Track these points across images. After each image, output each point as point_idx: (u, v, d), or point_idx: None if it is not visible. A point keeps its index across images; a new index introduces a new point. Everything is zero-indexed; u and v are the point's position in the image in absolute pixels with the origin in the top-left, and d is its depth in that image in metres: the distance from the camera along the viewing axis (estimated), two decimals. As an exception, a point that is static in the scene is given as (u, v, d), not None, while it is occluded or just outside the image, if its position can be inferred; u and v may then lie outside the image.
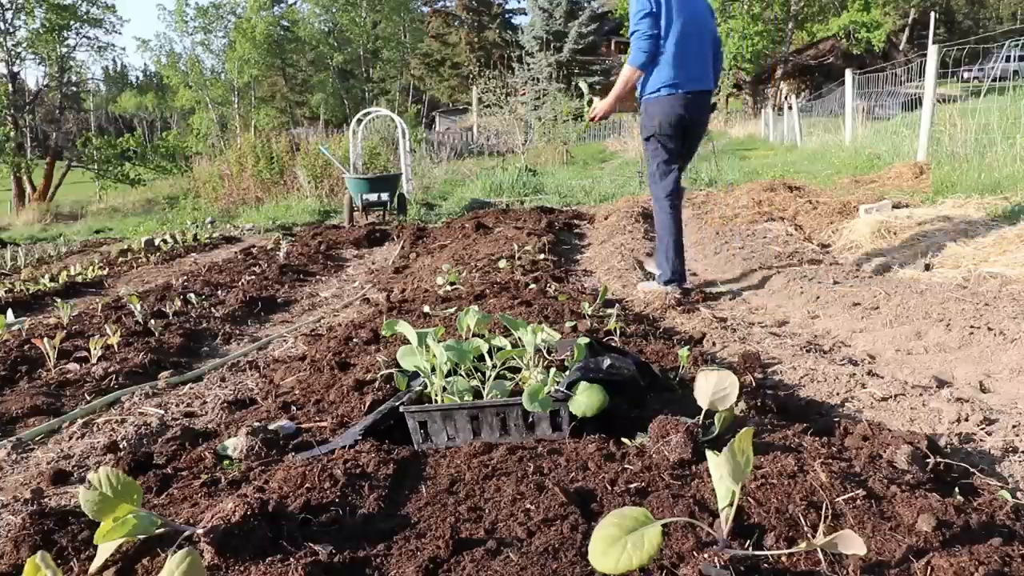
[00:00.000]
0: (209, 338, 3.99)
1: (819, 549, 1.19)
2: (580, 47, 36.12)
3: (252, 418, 2.37)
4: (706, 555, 1.19)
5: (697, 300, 4.02)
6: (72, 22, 27.42)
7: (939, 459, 1.66)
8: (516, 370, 2.07)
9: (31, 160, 26.36)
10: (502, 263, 4.83)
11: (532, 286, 3.98)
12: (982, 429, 2.01)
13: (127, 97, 58.18)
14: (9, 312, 4.14)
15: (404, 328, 2.01)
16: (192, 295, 4.75)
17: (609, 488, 1.50)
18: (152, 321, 4.04)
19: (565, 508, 1.40)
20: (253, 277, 5.66)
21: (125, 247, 9.07)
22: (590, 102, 4.22)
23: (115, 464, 2.02)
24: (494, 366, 2.01)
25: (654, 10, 3.77)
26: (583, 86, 4.28)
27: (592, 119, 4.18)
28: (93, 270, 6.86)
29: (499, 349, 2.05)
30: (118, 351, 3.46)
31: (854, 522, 1.31)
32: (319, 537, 1.35)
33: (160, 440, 2.33)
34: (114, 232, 14.08)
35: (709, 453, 1.24)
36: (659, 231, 4.14)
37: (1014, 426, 1.99)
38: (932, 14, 33.22)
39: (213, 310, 4.49)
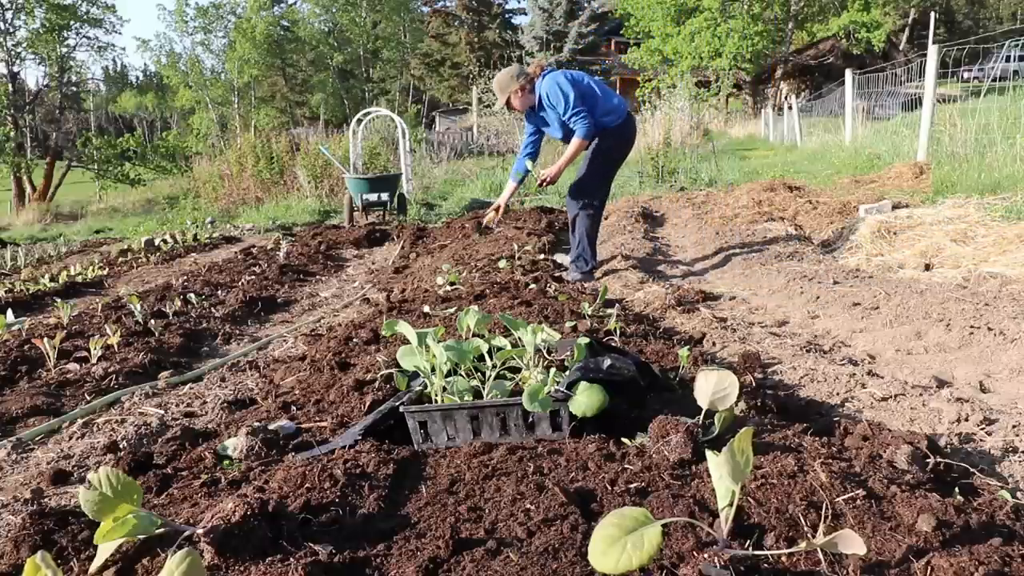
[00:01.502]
0: (209, 338, 3.99)
1: (819, 549, 1.19)
2: (580, 47, 36.12)
3: (252, 418, 2.37)
4: (706, 555, 1.19)
5: (697, 300, 4.02)
6: (72, 22, 27.40)
7: (939, 459, 1.66)
8: (516, 370, 2.07)
9: (31, 160, 26.35)
10: (502, 263, 4.83)
11: (532, 286, 3.98)
12: (982, 429, 2.01)
13: (127, 97, 58.11)
14: (9, 312, 4.14)
15: (404, 328, 2.01)
16: (192, 295, 4.75)
17: (609, 488, 1.50)
18: (152, 321, 4.04)
19: (565, 508, 1.40)
20: (253, 277, 5.66)
21: (125, 247, 9.07)
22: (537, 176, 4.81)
23: (115, 464, 2.02)
24: (494, 366, 2.01)
25: (574, 90, 4.45)
26: (528, 164, 4.84)
27: (542, 184, 4.73)
28: (93, 270, 6.86)
29: (499, 349, 2.05)
30: (118, 351, 3.46)
31: (854, 522, 1.31)
32: (319, 537, 1.35)
33: (160, 440, 2.33)
34: (114, 232, 14.08)
35: (709, 453, 1.24)
36: (579, 235, 4.78)
37: (1014, 426, 1.99)
38: (932, 14, 33.20)
39: (213, 310, 4.49)
